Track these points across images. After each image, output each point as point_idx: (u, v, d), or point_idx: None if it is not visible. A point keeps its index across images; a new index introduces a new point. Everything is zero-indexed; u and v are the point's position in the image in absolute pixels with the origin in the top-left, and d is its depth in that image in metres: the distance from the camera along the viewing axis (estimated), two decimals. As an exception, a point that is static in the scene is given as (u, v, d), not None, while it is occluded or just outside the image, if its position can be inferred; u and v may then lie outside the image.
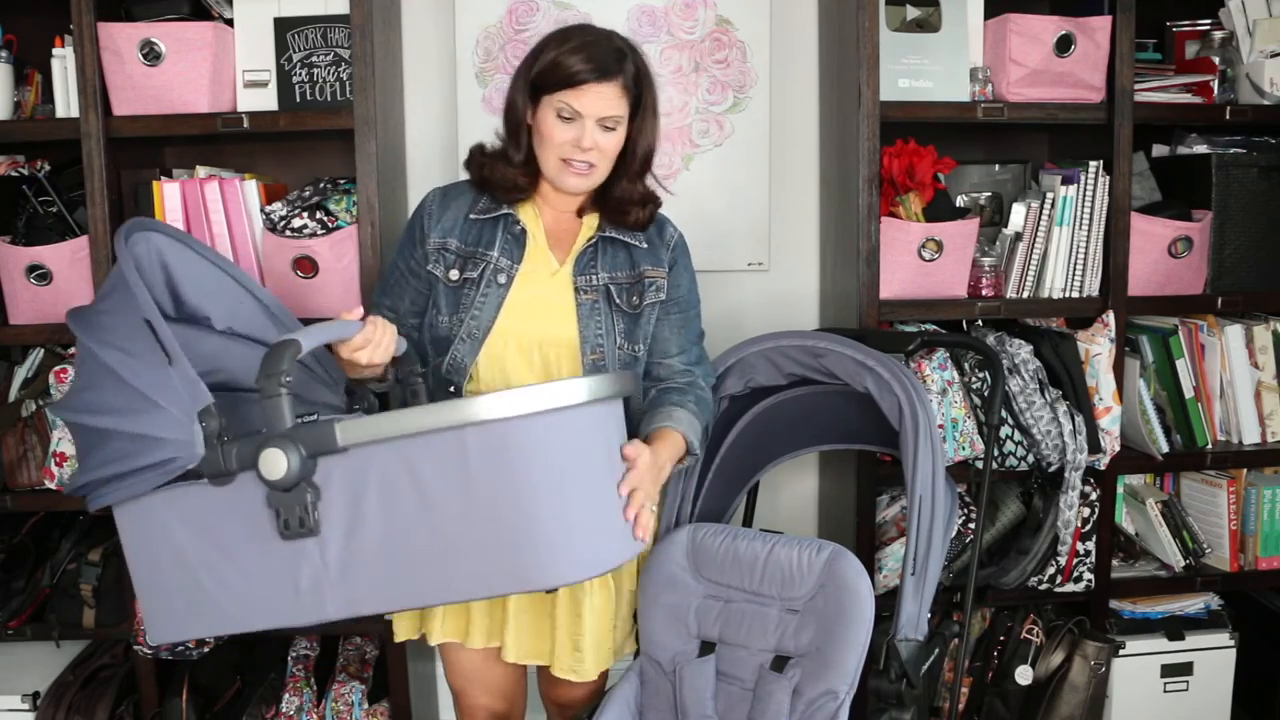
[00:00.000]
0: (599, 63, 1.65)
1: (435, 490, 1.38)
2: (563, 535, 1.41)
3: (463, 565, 1.39)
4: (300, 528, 1.39)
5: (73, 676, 2.30)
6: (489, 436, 1.37)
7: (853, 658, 1.72)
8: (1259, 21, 2.36)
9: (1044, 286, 2.35)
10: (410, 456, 1.38)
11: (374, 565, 1.41)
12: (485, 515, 1.38)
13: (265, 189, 2.27)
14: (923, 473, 1.80)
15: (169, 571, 1.48)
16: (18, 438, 2.26)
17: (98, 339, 1.48)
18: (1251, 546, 2.47)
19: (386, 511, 1.40)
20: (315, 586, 1.42)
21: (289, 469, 1.36)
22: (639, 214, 1.79)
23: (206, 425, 1.40)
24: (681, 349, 1.84)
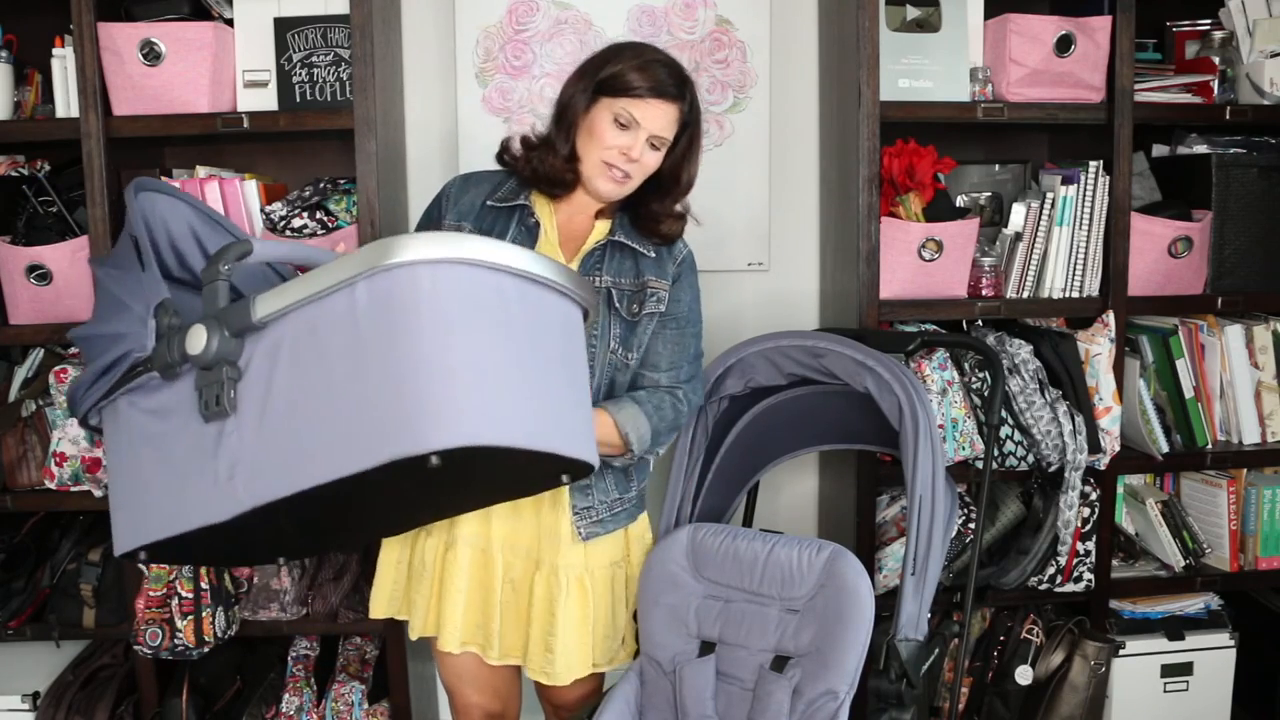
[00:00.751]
0: (673, 82, 1.74)
1: (333, 348, 1.34)
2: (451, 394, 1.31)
3: (361, 431, 1.31)
4: (217, 406, 1.40)
5: (73, 676, 2.30)
6: (376, 285, 1.32)
7: (853, 658, 1.72)
8: (1259, 21, 2.36)
9: (1044, 286, 2.35)
10: (314, 319, 1.36)
11: (282, 439, 1.38)
12: (374, 371, 1.31)
13: (265, 189, 2.27)
14: (923, 473, 1.80)
15: (131, 478, 1.53)
16: (18, 438, 2.26)
17: (103, 266, 1.60)
18: (1251, 546, 2.47)
19: (292, 381, 1.38)
20: (230, 471, 1.41)
21: (208, 345, 1.39)
22: (672, 226, 1.83)
23: (160, 320, 1.45)
24: (672, 365, 1.83)
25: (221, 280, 1.42)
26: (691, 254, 1.89)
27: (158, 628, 2.16)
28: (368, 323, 1.32)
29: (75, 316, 2.19)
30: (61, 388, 2.19)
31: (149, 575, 2.17)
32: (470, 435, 1.31)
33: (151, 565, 2.18)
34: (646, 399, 1.78)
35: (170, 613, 2.17)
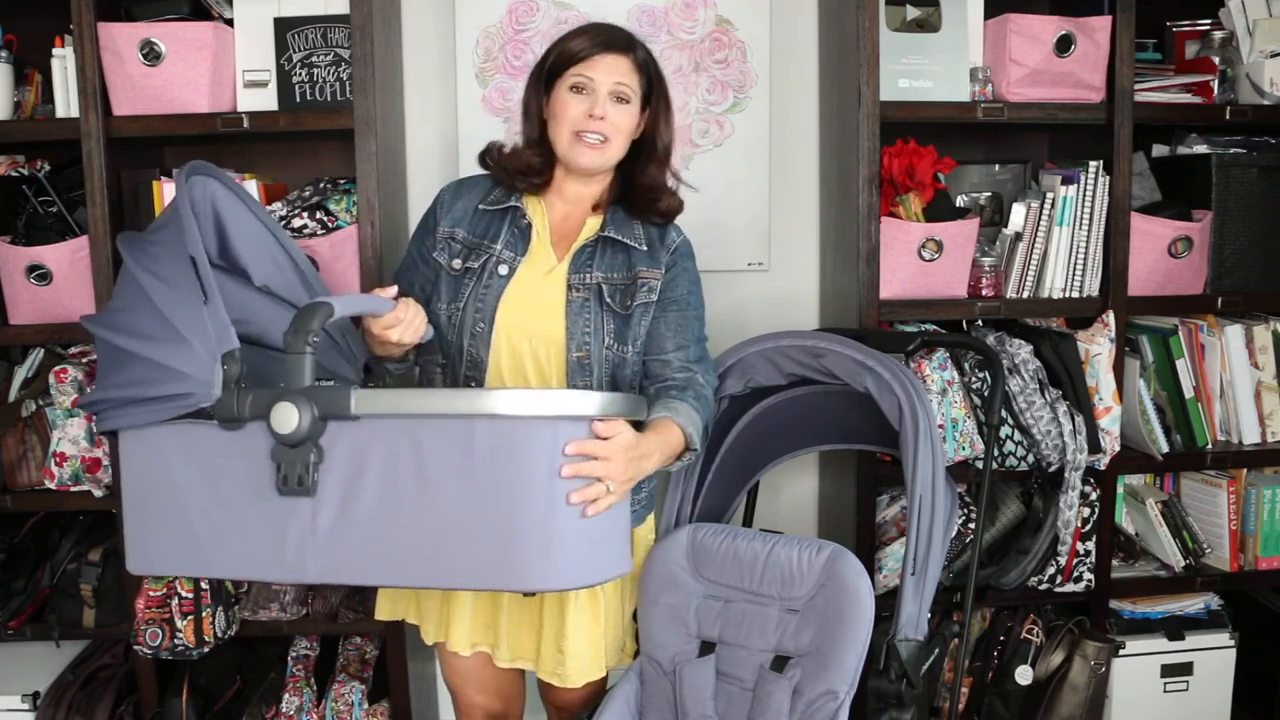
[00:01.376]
0: (608, 37, 1.74)
1: (436, 474, 1.40)
2: (552, 541, 1.42)
3: (449, 553, 1.41)
4: (298, 485, 1.41)
5: (73, 676, 2.30)
6: (498, 431, 1.39)
7: (853, 658, 1.72)
8: (1259, 21, 2.36)
9: (1044, 286, 2.35)
10: (418, 436, 1.40)
11: (362, 537, 1.42)
12: (480, 508, 1.40)
13: (265, 189, 2.27)
14: (923, 473, 1.80)
15: (162, 504, 1.51)
16: (18, 438, 2.26)
17: (141, 264, 1.51)
18: (1251, 546, 2.47)
19: (385, 486, 1.42)
20: (299, 547, 1.43)
21: (299, 425, 1.39)
22: (670, 201, 1.82)
23: (228, 369, 1.43)
24: (679, 346, 1.81)
25: (308, 353, 1.41)
26: (687, 241, 1.87)
27: (158, 628, 2.16)
28: (485, 460, 1.40)
29: (75, 316, 2.18)
30: (62, 387, 2.19)
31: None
32: (567, 581, 1.47)
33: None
34: (684, 393, 1.76)
35: (170, 613, 2.17)
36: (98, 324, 1.56)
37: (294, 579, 1.52)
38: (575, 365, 1.75)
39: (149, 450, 1.52)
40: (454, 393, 1.45)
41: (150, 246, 1.55)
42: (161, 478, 1.51)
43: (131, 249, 1.56)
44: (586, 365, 1.75)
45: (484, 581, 1.45)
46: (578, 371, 1.75)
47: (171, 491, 1.50)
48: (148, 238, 1.58)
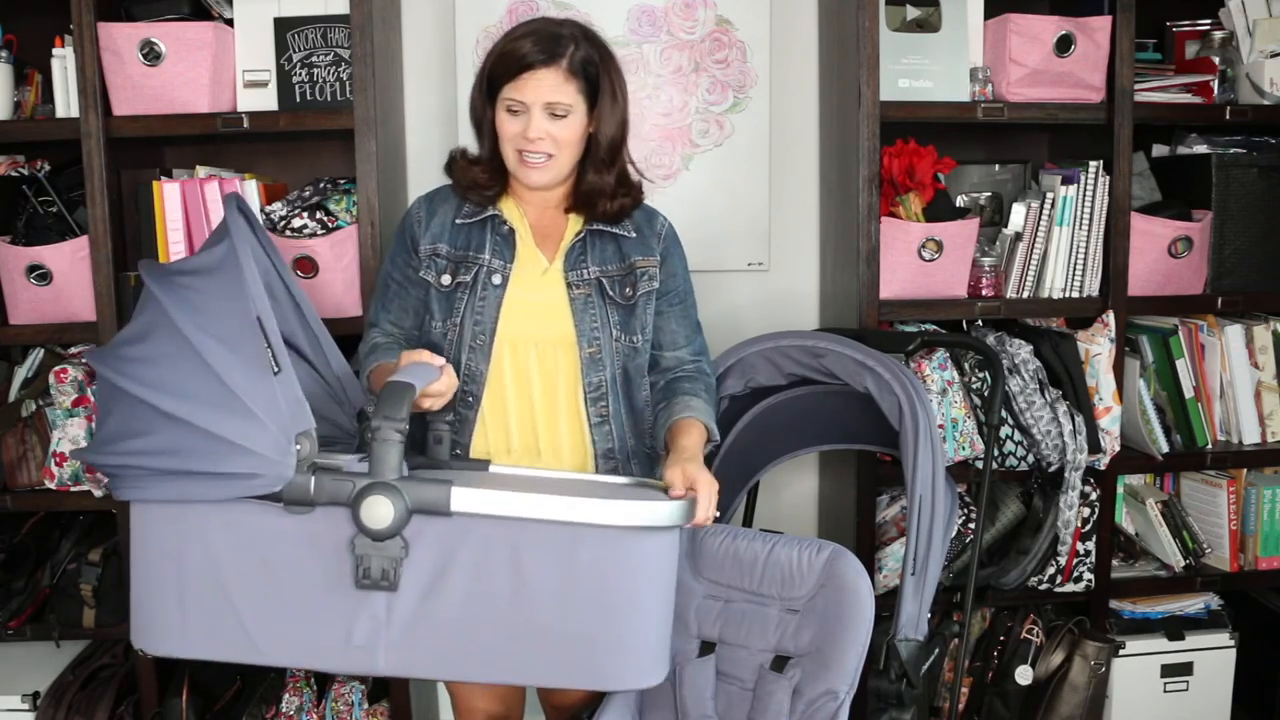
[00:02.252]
0: (540, 46, 1.65)
1: (534, 577, 1.36)
2: (642, 643, 1.44)
3: (538, 653, 1.38)
4: (381, 580, 1.33)
5: (73, 676, 2.30)
6: (605, 540, 1.37)
7: (853, 658, 1.72)
8: (1259, 21, 2.36)
9: (1044, 286, 2.35)
10: (516, 539, 1.36)
11: (442, 633, 1.37)
12: (578, 612, 1.37)
13: (265, 189, 2.27)
14: (923, 473, 1.80)
15: (193, 584, 1.38)
16: (18, 438, 2.26)
17: (187, 314, 1.37)
18: (1251, 546, 2.47)
19: (474, 585, 1.36)
20: (370, 641, 1.36)
21: (393, 521, 1.32)
22: (607, 205, 1.76)
23: (300, 448, 1.33)
24: (689, 340, 1.84)
25: (399, 441, 1.33)
26: (672, 225, 1.86)
27: (158, 628, 2.16)
28: (587, 568, 1.37)
29: (75, 317, 2.19)
30: (62, 388, 2.19)
31: (149, 575, 2.17)
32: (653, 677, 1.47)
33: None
34: (696, 386, 1.78)
35: (170, 613, 2.17)
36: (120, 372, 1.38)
37: (361, 670, 1.38)
38: (588, 362, 1.75)
39: (182, 525, 1.37)
40: (558, 499, 1.36)
41: (195, 294, 1.39)
42: (197, 557, 1.37)
43: (167, 290, 1.39)
44: (599, 360, 1.75)
45: (574, 681, 1.45)
46: (591, 368, 1.75)
47: (209, 573, 1.36)
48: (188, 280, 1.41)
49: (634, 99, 2.54)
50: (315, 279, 2.19)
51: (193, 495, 1.34)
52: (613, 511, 1.36)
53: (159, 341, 1.38)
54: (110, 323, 2.17)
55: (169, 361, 1.36)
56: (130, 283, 2.20)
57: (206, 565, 1.37)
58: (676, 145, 2.60)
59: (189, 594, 1.38)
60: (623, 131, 1.76)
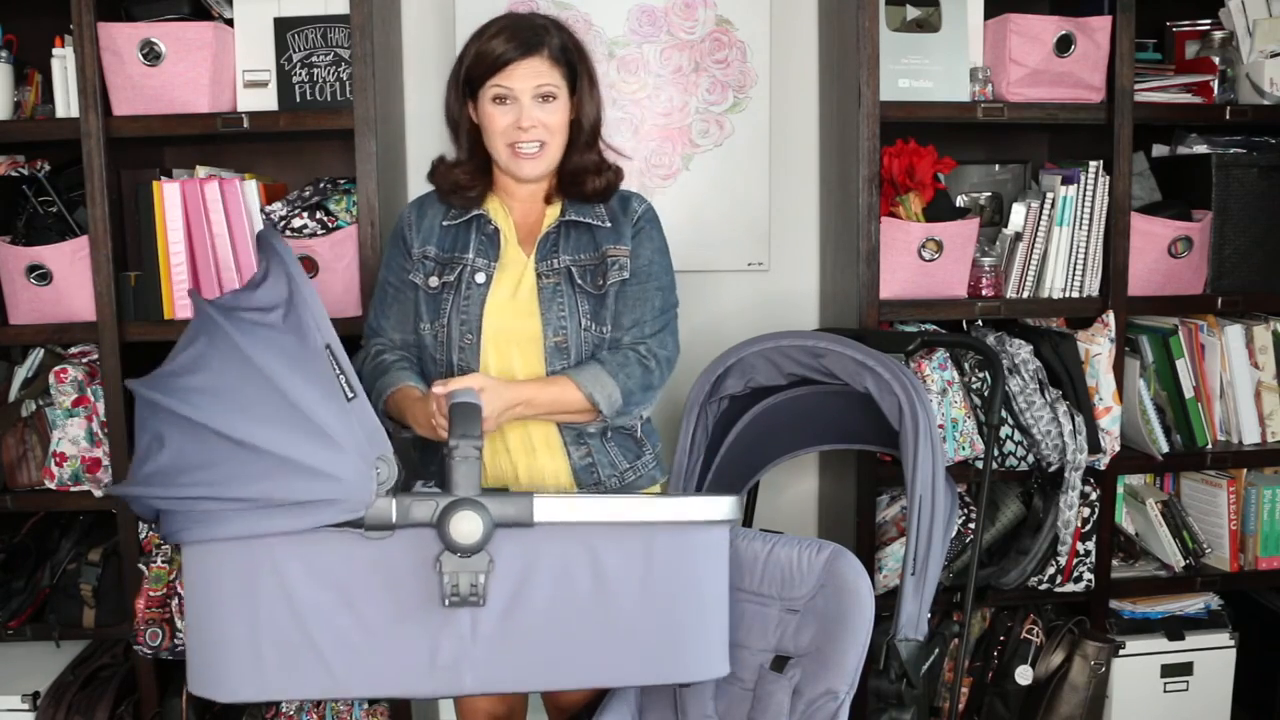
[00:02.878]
0: (518, 40, 1.68)
1: (613, 578, 1.41)
2: (713, 633, 1.51)
3: (620, 654, 1.42)
4: (470, 595, 1.35)
5: (73, 676, 2.30)
6: (677, 537, 1.43)
7: (853, 658, 1.72)
8: (1259, 21, 2.36)
9: (1044, 286, 2.35)
10: (595, 543, 1.40)
11: (526, 644, 1.39)
12: (656, 609, 1.43)
13: (265, 189, 2.27)
14: (923, 473, 1.79)
15: (267, 623, 1.34)
16: (18, 438, 2.26)
17: (257, 346, 1.35)
18: (1251, 546, 2.47)
19: (556, 592, 1.39)
20: (455, 659, 1.37)
21: (481, 535, 1.33)
22: (595, 182, 1.78)
23: (380, 473, 1.33)
24: (634, 322, 1.77)
25: (479, 457, 1.37)
26: (651, 209, 1.84)
27: (158, 628, 2.16)
28: (663, 568, 1.43)
29: (75, 317, 2.19)
30: (62, 388, 2.19)
31: (149, 575, 2.18)
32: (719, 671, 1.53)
33: (151, 565, 2.18)
34: (609, 358, 1.74)
35: (170, 613, 2.17)
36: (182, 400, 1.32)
37: (447, 692, 1.39)
38: (553, 350, 1.74)
39: (252, 564, 1.33)
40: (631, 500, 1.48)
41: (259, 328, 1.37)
42: (270, 595, 1.34)
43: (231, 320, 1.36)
44: (564, 349, 1.74)
45: (655, 678, 1.49)
46: (555, 355, 1.74)
47: (286, 610, 1.34)
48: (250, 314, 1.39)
49: (634, 99, 2.57)
50: (315, 279, 2.19)
51: (271, 528, 1.31)
52: (683, 508, 1.45)
53: (220, 371, 1.35)
54: (110, 322, 2.17)
55: (235, 390, 1.33)
56: (130, 282, 2.20)
57: (281, 601, 1.34)
58: (676, 145, 2.60)
59: (263, 634, 1.35)
60: (600, 114, 1.80)
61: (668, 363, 1.80)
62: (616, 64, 2.55)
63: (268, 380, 1.33)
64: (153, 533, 2.21)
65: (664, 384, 1.81)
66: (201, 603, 1.37)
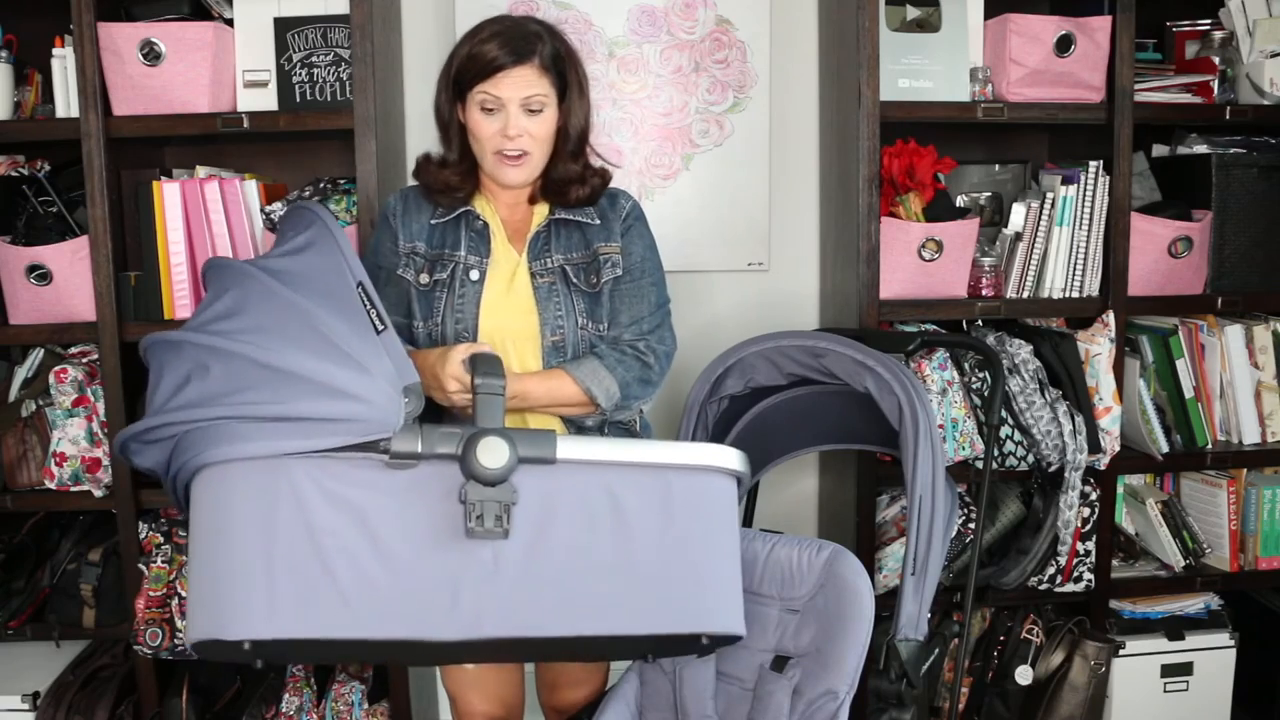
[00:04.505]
0: (510, 47, 1.67)
1: (632, 519, 1.42)
2: (730, 586, 1.51)
3: (640, 599, 1.42)
4: (495, 526, 1.34)
5: (73, 676, 2.30)
6: (694, 482, 1.45)
7: (853, 658, 1.72)
8: (1259, 21, 2.36)
9: (1044, 286, 2.35)
10: (613, 485, 1.42)
11: (548, 583, 1.39)
12: (677, 551, 1.44)
13: (265, 189, 2.27)
14: (923, 473, 1.80)
15: (284, 553, 1.30)
16: (18, 438, 2.26)
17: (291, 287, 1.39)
18: (1251, 546, 2.47)
19: (577, 532, 1.40)
20: (476, 598, 1.36)
21: (507, 462, 1.34)
22: (579, 191, 1.78)
23: (408, 402, 1.36)
24: (632, 319, 1.78)
25: (503, 395, 1.41)
26: (637, 205, 1.84)
27: (158, 628, 2.17)
28: (681, 511, 1.45)
29: (75, 317, 2.19)
30: (62, 388, 2.19)
31: (149, 575, 2.18)
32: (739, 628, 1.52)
33: (151, 565, 2.18)
34: (607, 353, 1.75)
35: (170, 613, 2.17)
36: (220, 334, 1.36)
37: (465, 635, 1.35)
38: (550, 349, 1.74)
39: (272, 489, 1.30)
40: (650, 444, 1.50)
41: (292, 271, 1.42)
42: (288, 522, 1.31)
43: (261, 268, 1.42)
44: (561, 348, 1.74)
45: (676, 625, 1.46)
46: (553, 354, 1.74)
47: (305, 539, 1.31)
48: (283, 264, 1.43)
49: (634, 99, 2.57)
50: (315, 279, 2.18)
51: (296, 446, 1.31)
52: (701, 453, 1.48)
53: (257, 313, 1.38)
54: (110, 323, 2.17)
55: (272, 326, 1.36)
56: (130, 282, 2.20)
57: (300, 531, 1.31)
58: (676, 145, 2.60)
59: (279, 563, 1.31)
60: (588, 122, 1.79)
61: (666, 357, 1.81)
62: (616, 64, 2.55)
63: (303, 314, 1.36)
64: (153, 532, 2.21)
65: (663, 378, 1.81)
66: (214, 532, 1.33)
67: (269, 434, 1.31)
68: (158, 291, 2.20)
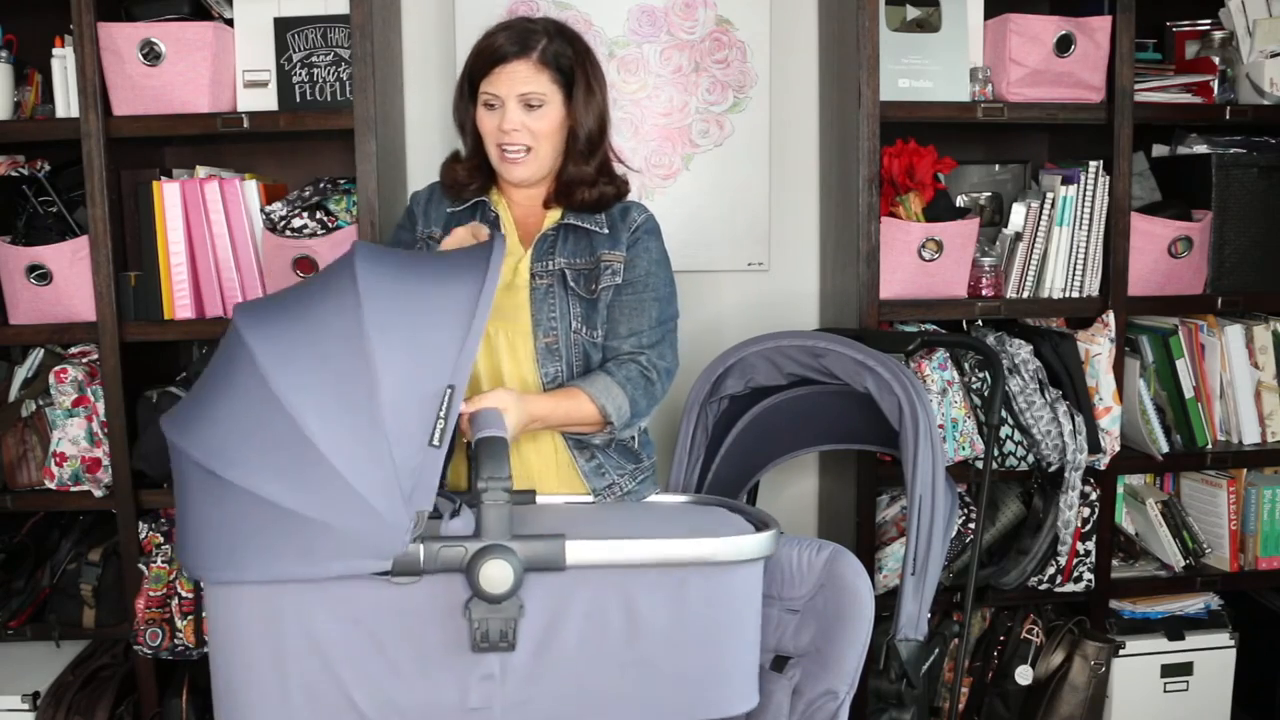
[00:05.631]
0: (510, 41, 1.70)
1: (646, 618, 1.38)
2: (746, 668, 1.48)
3: (654, 692, 1.40)
4: (500, 641, 1.32)
5: (73, 676, 2.30)
6: (712, 576, 1.41)
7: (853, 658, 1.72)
8: (1259, 21, 2.36)
9: (1044, 286, 2.35)
10: (627, 584, 1.38)
11: (558, 684, 1.37)
12: (691, 647, 1.41)
13: (265, 189, 2.27)
14: (923, 473, 1.79)
15: (295, 667, 1.32)
16: (18, 438, 2.26)
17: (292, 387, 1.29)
18: (1251, 546, 2.47)
19: (588, 633, 1.37)
20: (487, 700, 1.35)
21: (512, 583, 1.30)
22: (585, 193, 1.78)
23: (415, 527, 1.30)
24: (631, 331, 1.77)
25: (505, 502, 1.31)
26: (651, 219, 1.83)
27: (158, 628, 2.16)
28: (698, 608, 1.40)
29: (75, 317, 2.19)
30: (62, 388, 2.19)
31: (149, 575, 2.17)
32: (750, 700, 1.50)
33: (151, 565, 2.18)
34: (616, 369, 1.74)
35: (170, 613, 2.17)
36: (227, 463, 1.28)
37: None
38: (544, 351, 1.75)
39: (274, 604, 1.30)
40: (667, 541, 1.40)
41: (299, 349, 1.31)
42: (296, 639, 1.31)
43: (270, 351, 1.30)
44: (555, 350, 1.75)
45: (686, 716, 1.44)
46: (547, 357, 1.75)
47: (311, 652, 1.31)
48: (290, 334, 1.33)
49: (634, 99, 2.57)
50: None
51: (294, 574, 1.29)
52: (720, 547, 1.41)
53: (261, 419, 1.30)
54: (110, 323, 2.17)
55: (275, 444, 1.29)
56: (130, 282, 2.20)
57: (308, 645, 1.32)
58: (676, 145, 2.60)
59: (291, 677, 1.32)
60: (601, 124, 1.79)
61: (667, 374, 1.80)
62: (616, 64, 2.55)
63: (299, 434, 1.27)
64: (153, 532, 2.21)
65: (664, 396, 1.80)
66: (224, 645, 1.35)
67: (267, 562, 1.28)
68: (158, 291, 2.20)
